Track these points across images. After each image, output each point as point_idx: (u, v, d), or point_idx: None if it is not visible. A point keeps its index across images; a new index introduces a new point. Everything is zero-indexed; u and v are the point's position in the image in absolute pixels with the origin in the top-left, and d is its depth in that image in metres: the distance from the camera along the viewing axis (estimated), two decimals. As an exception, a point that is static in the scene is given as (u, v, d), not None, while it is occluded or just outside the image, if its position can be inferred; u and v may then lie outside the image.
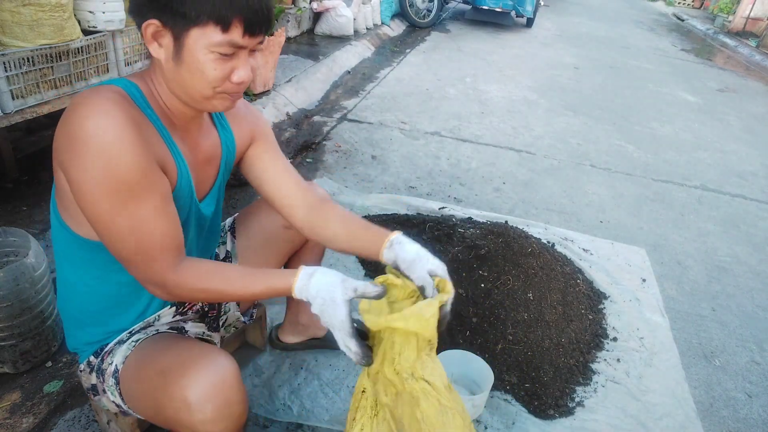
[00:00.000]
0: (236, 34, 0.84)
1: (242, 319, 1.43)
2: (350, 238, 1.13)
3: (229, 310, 1.37)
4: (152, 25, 0.85)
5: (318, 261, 1.55)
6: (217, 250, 1.34)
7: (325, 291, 0.92)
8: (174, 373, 0.88)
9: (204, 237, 1.18)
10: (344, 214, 1.17)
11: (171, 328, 1.14)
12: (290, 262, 1.46)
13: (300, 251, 1.45)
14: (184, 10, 0.81)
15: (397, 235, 1.06)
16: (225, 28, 0.83)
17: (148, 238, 0.88)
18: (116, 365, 1.03)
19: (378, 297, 0.96)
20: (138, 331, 1.09)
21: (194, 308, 1.22)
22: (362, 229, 1.13)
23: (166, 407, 0.89)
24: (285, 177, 1.19)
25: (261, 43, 0.90)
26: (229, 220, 1.41)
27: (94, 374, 1.09)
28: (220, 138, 1.11)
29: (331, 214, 1.16)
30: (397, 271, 1.05)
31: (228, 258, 1.35)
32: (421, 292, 1.02)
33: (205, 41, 0.83)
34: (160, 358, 0.95)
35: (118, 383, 1.03)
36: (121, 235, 0.87)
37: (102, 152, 0.81)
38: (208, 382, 0.87)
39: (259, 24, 0.86)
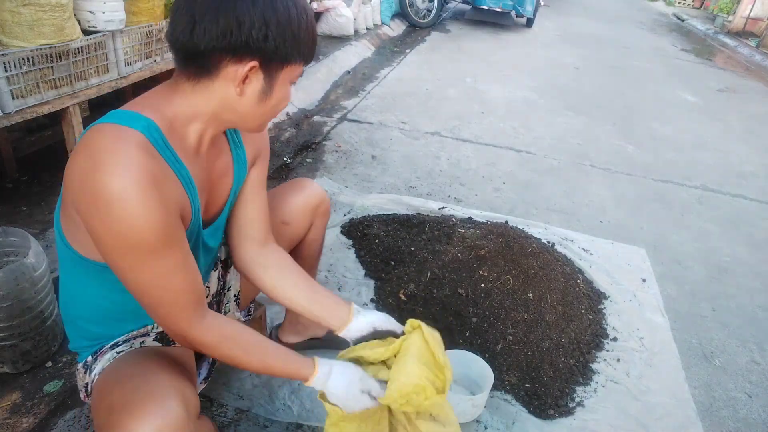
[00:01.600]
0: (305, 65, 1.00)
1: (242, 319, 1.43)
2: (303, 297, 1.21)
3: (229, 311, 1.36)
4: (251, 66, 0.89)
5: (316, 260, 1.56)
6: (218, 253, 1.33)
7: (344, 390, 1.09)
8: (119, 413, 0.86)
9: (212, 256, 1.20)
10: (303, 273, 1.24)
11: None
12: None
13: (297, 248, 1.47)
14: (285, 53, 0.92)
15: (355, 305, 1.22)
16: (307, 62, 0.99)
17: (170, 294, 0.92)
18: (96, 374, 1.04)
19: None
20: (126, 341, 1.09)
21: None
22: (318, 293, 1.23)
23: None
24: (261, 208, 1.21)
25: None
26: None
27: (88, 374, 1.09)
28: (232, 154, 1.13)
29: (288, 264, 1.24)
30: (374, 333, 1.20)
31: (229, 258, 1.34)
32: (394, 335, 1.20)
33: (290, 75, 0.97)
34: (115, 390, 0.93)
35: (90, 393, 1.04)
36: (142, 288, 0.90)
37: (125, 217, 0.81)
38: (150, 429, 0.83)
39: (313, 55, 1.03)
